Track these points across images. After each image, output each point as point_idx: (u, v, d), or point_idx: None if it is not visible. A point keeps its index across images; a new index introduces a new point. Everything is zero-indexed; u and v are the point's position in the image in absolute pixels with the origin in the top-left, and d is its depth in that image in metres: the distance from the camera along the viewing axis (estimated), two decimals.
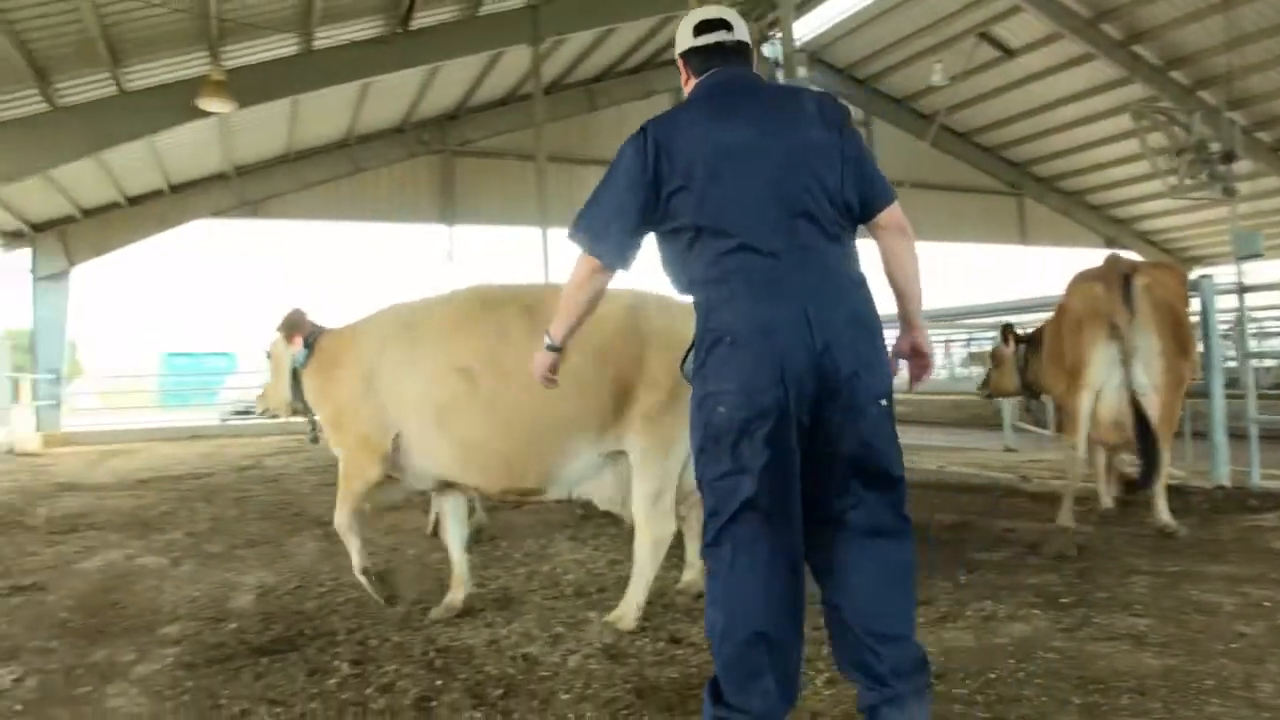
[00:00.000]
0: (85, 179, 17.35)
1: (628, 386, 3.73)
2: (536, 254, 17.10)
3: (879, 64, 24.42)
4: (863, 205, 2.47)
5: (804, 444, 2.30)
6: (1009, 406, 10.84)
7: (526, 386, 3.20)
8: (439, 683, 3.15)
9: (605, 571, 4.81)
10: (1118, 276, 4.78)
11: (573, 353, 2.96)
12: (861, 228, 2.52)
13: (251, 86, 13.97)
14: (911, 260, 2.53)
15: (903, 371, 2.64)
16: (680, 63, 2.72)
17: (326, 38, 14.50)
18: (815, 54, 24.87)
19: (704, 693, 2.32)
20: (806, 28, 23.70)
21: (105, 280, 20.86)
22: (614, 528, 5.81)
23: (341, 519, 4.15)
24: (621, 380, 3.74)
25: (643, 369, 3.73)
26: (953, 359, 23.30)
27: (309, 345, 4.50)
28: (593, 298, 2.62)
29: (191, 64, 13.61)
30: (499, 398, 3.78)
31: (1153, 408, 4.74)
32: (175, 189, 19.55)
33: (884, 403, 2.36)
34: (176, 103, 13.41)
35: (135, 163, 17.38)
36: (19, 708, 3.07)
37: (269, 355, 4.86)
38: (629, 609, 3.74)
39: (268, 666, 3.39)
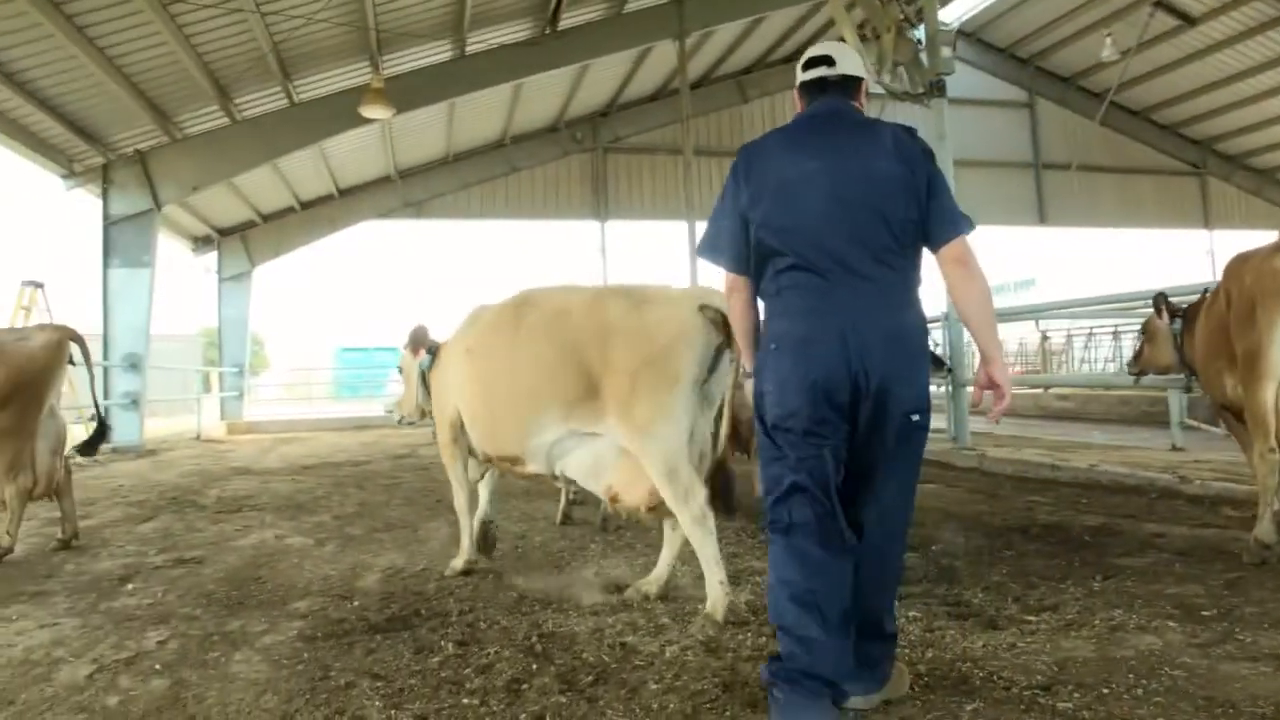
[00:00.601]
0: (264, 186, 18.73)
1: (592, 373, 4.07)
2: (685, 247, 17.14)
3: (1043, 40, 23.08)
4: (928, 236, 2.65)
5: (848, 443, 2.59)
6: (1176, 402, 10.06)
7: (506, 367, 4.33)
8: (534, 666, 3.19)
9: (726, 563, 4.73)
10: None
11: (539, 340, 4.14)
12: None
13: (409, 92, 14.64)
14: (973, 292, 2.65)
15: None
16: (795, 93, 2.98)
17: (479, 42, 15.03)
18: (974, 34, 23.79)
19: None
20: (964, 6, 22.71)
21: (283, 280, 21.99)
22: (743, 521, 5.79)
23: (458, 501, 4.93)
24: (584, 366, 4.08)
25: (606, 357, 4.03)
26: (1122, 350, 21.61)
27: (432, 354, 5.25)
28: (745, 305, 2.90)
29: (355, 74, 14.43)
30: (486, 375, 4.51)
31: None
32: (344, 193, 20.78)
33: (915, 417, 2.59)
34: (341, 111, 14.21)
35: (307, 170, 18.61)
36: (158, 667, 3.32)
37: (400, 369, 5.61)
38: (714, 594, 3.81)
39: (379, 643, 3.53)
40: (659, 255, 21.71)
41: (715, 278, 3.04)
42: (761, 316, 2.84)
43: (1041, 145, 24.53)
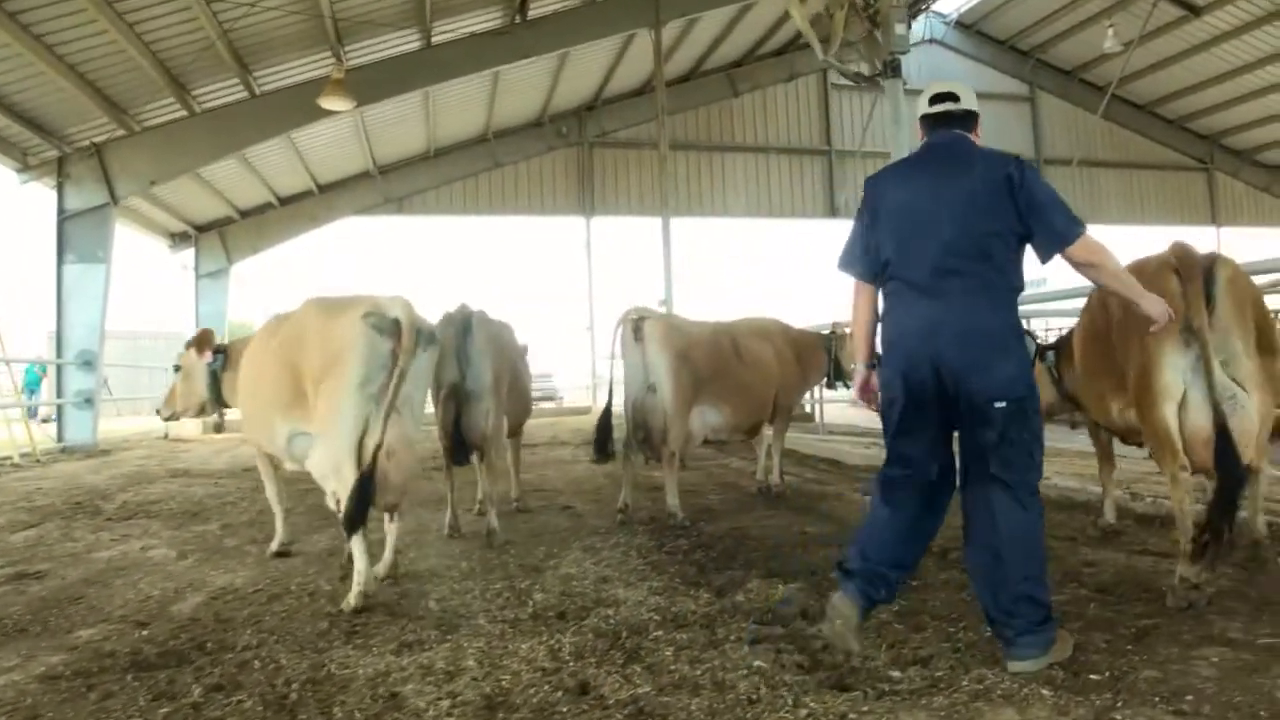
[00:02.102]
0: (239, 182, 18.44)
1: (298, 378, 4.51)
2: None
3: (1044, 32, 22.47)
4: (1040, 245, 3.10)
5: (953, 422, 3.15)
6: None
7: (258, 375, 4.87)
8: None
9: (589, 592, 4.29)
10: (1198, 267, 3.72)
11: (273, 350, 4.69)
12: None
13: (373, 84, 14.27)
14: (1110, 278, 3.24)
15: None
16: (918, 123, 3.41)
17: (445, 31, 14.64)
18: (973, 25, 23.19)
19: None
20: None
21: (274, 276, 21.73)
22: (645, 539, 5.37)
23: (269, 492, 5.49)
24: (294, 372, 4.52)
25: (303, 364, 4.45)
26: None
27: (221, 354, 5.68)
28: (870, 309, 3.36)
29: (318, 65, 14.05)
30: (250, 384, 5.00)
31: (1246, 421, 3.68)
32: (323, 189, 20.47)
33: (999, 404, 2.99)
34: (304, 103, 13.82)
35: (281, 165, 18.29)
36: None
37: (177, 367, 5.88)
38: (357, 583, 4.13)
39: (125, 685, 3.10)
40: (646, 252, 21.10)
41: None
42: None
43: (1043, 140, 23.90)
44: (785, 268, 38.68)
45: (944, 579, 4.35)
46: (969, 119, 3.31)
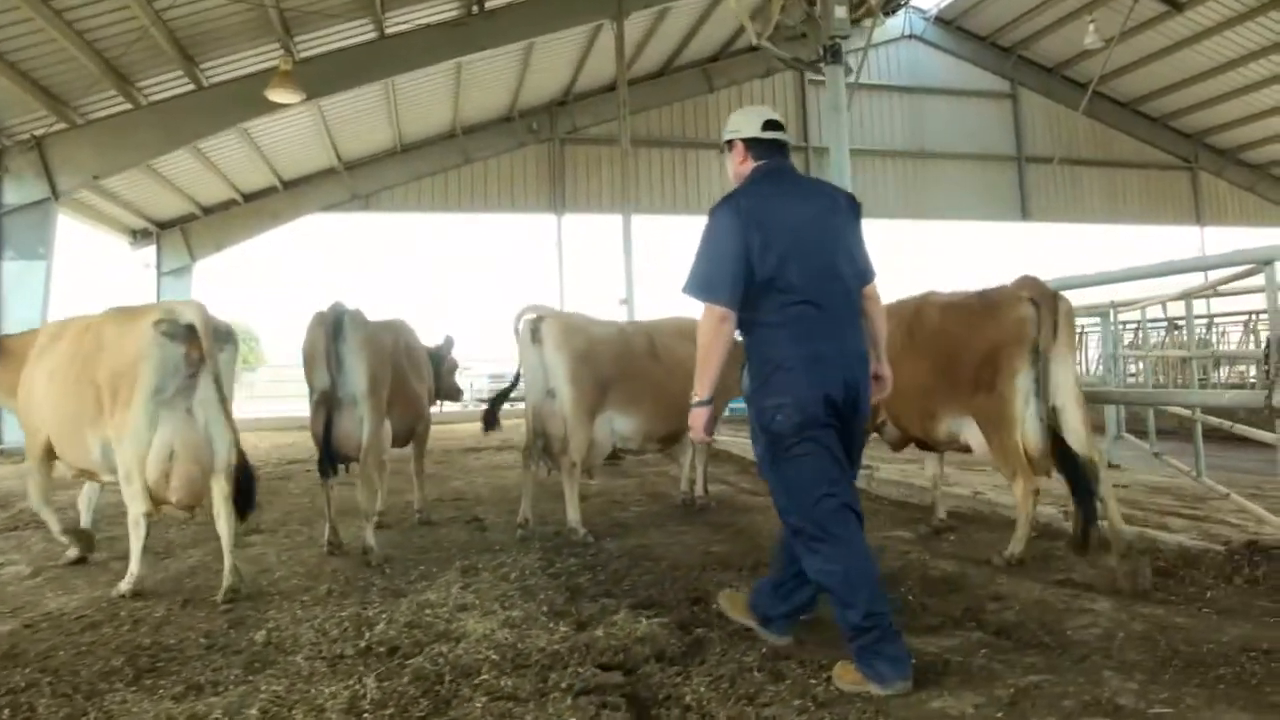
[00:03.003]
0: (202, 179, 18.04)
1: (97, 389, 4.52)
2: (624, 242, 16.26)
3: (1025, 28, 22.10)
4: (862, 277, 3.32)
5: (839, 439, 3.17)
6: (1113, 415, 9.14)
7: (61, 388, 4.73)
8: None
9: (438, 622, 3.94)
10: (1050, 299, 4.49)
11: (74, 361, 4.64)
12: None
13: (324, 76, 13.94)
14: (883, 320, 3.49)
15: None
16: (739, 145, 3.41)
17: (400, 22, 14.25)
18: (954, 21, 22.82)
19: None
20: None
21: (227, 274, 21.31)
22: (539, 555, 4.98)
23: (34, 500, 5.29)
24: (94, 383, 4.53)
25: (99, 375, 4.49)
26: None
27: None
28: (727, 343, 3.16)
29: (268, 57, 13.64)
30: (55, 398, 4.77)
31: (1078, 426, 4.48)
32: (288, 185, 20.10)
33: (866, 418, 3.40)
34: (253, 96, 13.43)
35: (241, 160, 17.90)
36: None
37: None
38: (129, 576, 4.52)
39: None
40: (617, 250, 20.79)
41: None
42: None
43: (1024, 137, 23.53)
44: None
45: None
46: (787, 148, 3.48)
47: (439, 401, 7.52)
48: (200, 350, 4.50)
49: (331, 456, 5.25)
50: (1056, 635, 3.51)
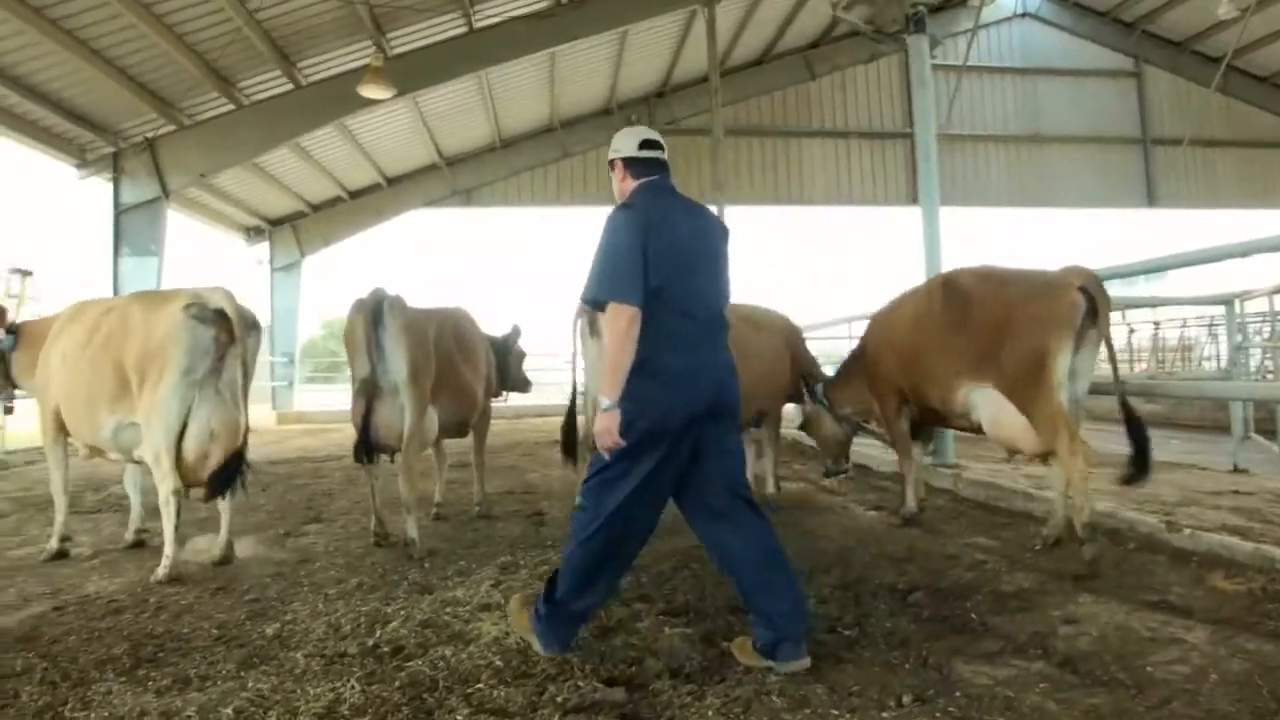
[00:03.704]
0: (308, 177, 18.57)
1: (122, 371, 4.65)
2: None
3: (1151, 1, 20.57)
4: (727, 298, 3.46)
5: (694, 455, 3.21)
6: (1239, 413, 8.33)
7: (78, 369, 4.84)
8: None
9: (455, 622, 3.77)
10: (1098, 286, 4.70)
11: (95, 344, 4.79)
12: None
13: (415, 71, 13.98)
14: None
15: None
16: (619, 164, 3.53)
17: (489, 15, 14.24)
18: None
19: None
20: None
21: (333, 269, 21.92)
22: None
23: (54, 483, 5.35)
24: (117, 365, 4.67)
25: (126, 357, 4.62)
26: (1219, 346, 18.46)
27: (12, 334, 5.64)
28: (635, 344, 3.12)
29: (362, 55, 13.83)
30: (70, 378, 4.90)
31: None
32: (391, 182, 20.46)
33: (739, 424, 3.72)
34: (348, 93, 13.59)
35: (345, 158, 18.33)
36: None
37: None
38: (166, 561, 4.58)
39: None
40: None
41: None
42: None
43: (1150, 118, 21.95)
44: (869, 256, 37.28)
45: (877, 631, 3.63)
46: (666, 166, 3.53)
47: (504, 393, 7.37)
48: (229, 334, 4.67)
49: (371, 445, 5.14)
50: (1134, 671, 3.05)
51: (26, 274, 12.45)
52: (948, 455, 7.84)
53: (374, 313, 4.99)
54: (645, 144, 3.50)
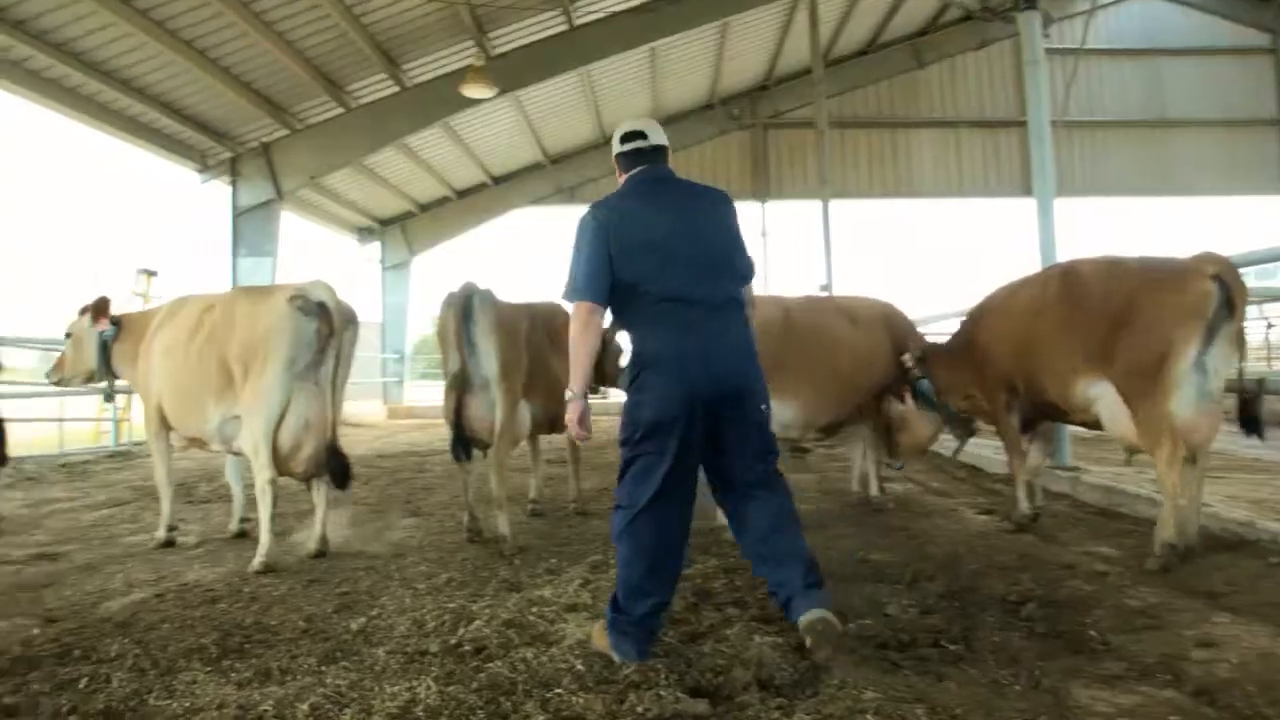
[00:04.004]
0: (416, 178, 19.01)
1: (226, 364, 4.78)
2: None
3: None
4: (742, 273, 3.44)
5: (711, 434, 3.18)
6: None
7: (183, 363, 5.01)
8: None
9: (540, 623, 3.70)
10: (1234, 275, 4.37)
11: (199, 338, 4.94)
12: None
13: (517, 70, 14.12)
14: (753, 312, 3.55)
15: None
16: (615, 162, 3.58)
17: (590, 12, 14.23)
18: None
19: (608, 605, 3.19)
20: None
21: (441, 268, 22.34)
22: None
23: (158, 474, 5.47)
24: (220, 358, 4.81)
25: (230, 349, 4.75)
26: None
27: (116, 325, 5.65)
28: (593, 338, 3.26)
29: (465, 55, 14.01)
30: (173, 371, 5.08)
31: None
32: (497, 180, 20.76)
33: (763, 407, 3.32)
34: (451, 93, 13.81)
35: (451, 159, 18.68)
36: None
37: (68, 334, 5.85)
38: (262, 549, 4.68)
39: None
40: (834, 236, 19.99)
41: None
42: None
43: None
44: (980, 250, 35.91)
45: (971, 647, 3.36)
46: (661, 152, 3.51)
47: (603, 389, 7.27)
48: (331, 327, 4.77)
49: (464, 441, 5.11)
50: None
51: (152, 274, 13.11)
52: (1064, 457, 7.37)
53: (464, 307, 4.96)
54: (626, 136, 3.51)
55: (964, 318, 6.06)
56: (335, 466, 5.00)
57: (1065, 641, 3.33)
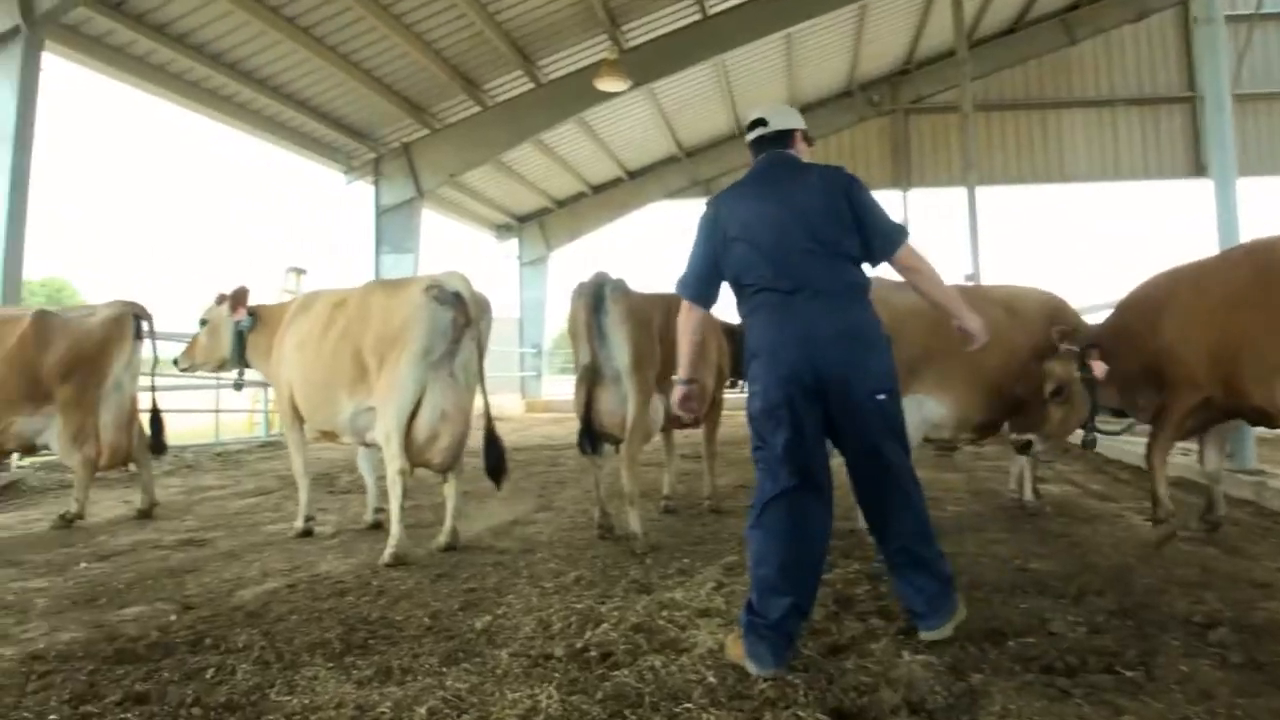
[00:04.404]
0: (551, 174, 19.23)
1: (361, 356, 4.81)
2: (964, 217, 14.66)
3: None
4: (869, 252, 3.22)
5: (828, 423, 3.07)
6: None
7: (315, 356, 5.07)
8: None
9: (670, 628, 3.50)
10: None
11: (333, 332, 5.00)
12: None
13: (652, 61, 14.01)
14: (927, 284, 3.32)
15: None
16: (748, 150, 3.52)
17: (723, 0, 13.96)
18: None
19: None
20: None
21: (578, 263, 22.49)
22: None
23: (295, 465, 5.57)
24: (357, 351, 4.84)
25: (365, 341, 4.77)
26: None
27: (252, 315, 5.75)
28: (694, 330, 3.40)
29: (597, 50, 14.00)
30: (305, 365, 5.14)
31: None
32: (632, 175, 20.76)
33: (880, 397, 3.08)
34: (585, 88, 13.82)
35: (590, 155, 18.77)
36: None
37: (203, 320, 5.95)
38: (392, 540, 4.63)
39: (74, 676, 2.88)
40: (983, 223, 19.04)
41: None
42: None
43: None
44: (1138, 237, 33.48)
45: (1152, 682, 2.92)
46: (784, 137, 3.42)
47: (738, 382, 7.00)
48: (467, 316, 4.73)
49: (594, 435, 4.95)
50: None
51: (301, 272, 13.65)
52: (1248, 459, 6.60)
53: (595, 298, 4.80)
54: (751, 125, 3.48)
55: (1123, 306, 5.40)
56: (493, 459, 5.02)
57: (1268, 676, 2.86)
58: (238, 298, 5.76)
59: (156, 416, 6.13)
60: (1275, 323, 4.22)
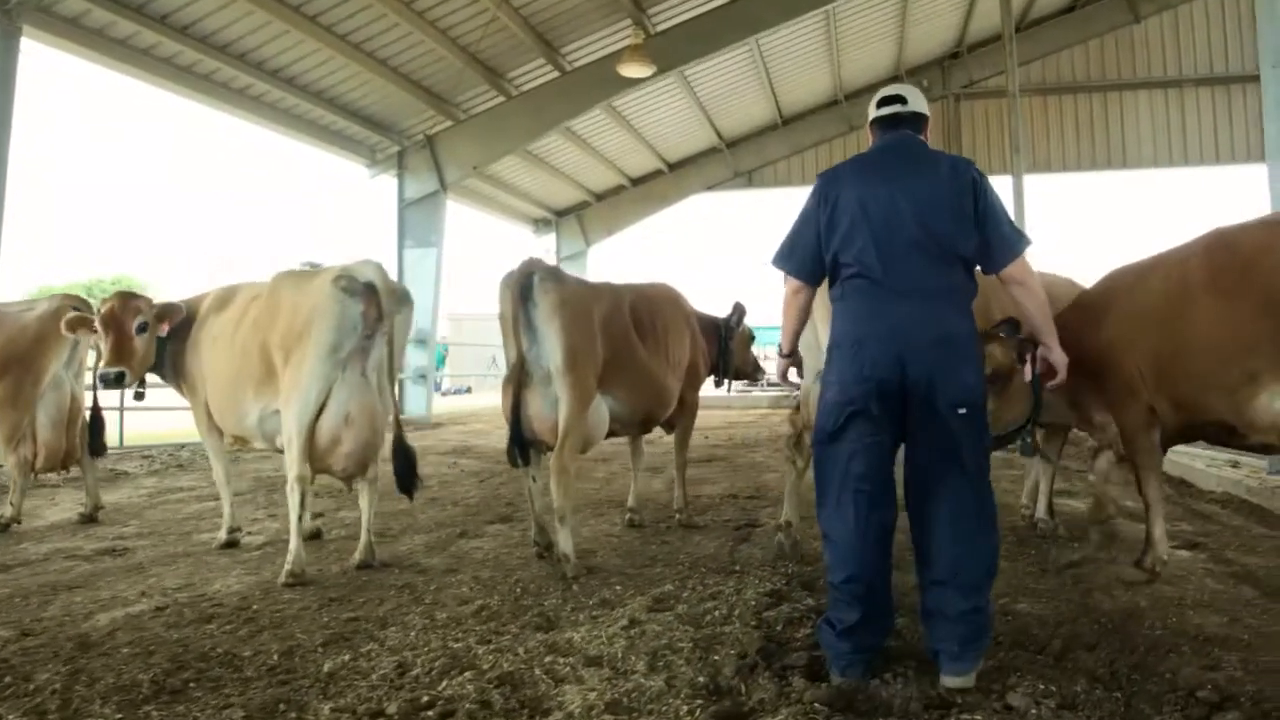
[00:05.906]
0: (590, 167, 18.82)
1: (268, 354, 4.40)
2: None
3: None
4: (985, 259, 3.00)
5: (903, 427, 2.89)
6: None
7: (223, 354, 4.77)
8: None
9: (541, 681, 2.96)
10: None
11: (240, 327, 4.70)
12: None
13: (679, 46, 13.49)
14: (1032, 305, 3.14)
15: None
16: (869, 128, 3.32)
17: None
18: None
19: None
20: None
21: (617, 257, 22.08)
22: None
23: (216, 474, 5.26)
24: (262, 346, 4.44)
25: (272, 336, 4.38)
26: None
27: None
28: (800, 308, 3.23)
29: (622, 35, 13.51)
30: (213, 363, 4.86)
31: None
32: (673, 167, 20.28)
33: (962, 411, 2.82)
34: (609, 75, 13.36)
35: (627, 147, 18.33)
36: None
37: None
38: (291, 554, 4.24)
39: None
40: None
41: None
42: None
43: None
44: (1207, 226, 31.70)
45: None
46: (918, 121, 3.24)
47: (728, 381, 6.43)
48: (379, 310, 4.32)
49: (523, 441, 4.45)
50: None
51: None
52: None
53: (523, 287, 4.28)
54: (883, 101, 3.26)
55: (1073, 302, 4.60)
56: (401, 467, 4.54)
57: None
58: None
59: (96, 417, 5.83)
60: (1232, 324, 3.54)
